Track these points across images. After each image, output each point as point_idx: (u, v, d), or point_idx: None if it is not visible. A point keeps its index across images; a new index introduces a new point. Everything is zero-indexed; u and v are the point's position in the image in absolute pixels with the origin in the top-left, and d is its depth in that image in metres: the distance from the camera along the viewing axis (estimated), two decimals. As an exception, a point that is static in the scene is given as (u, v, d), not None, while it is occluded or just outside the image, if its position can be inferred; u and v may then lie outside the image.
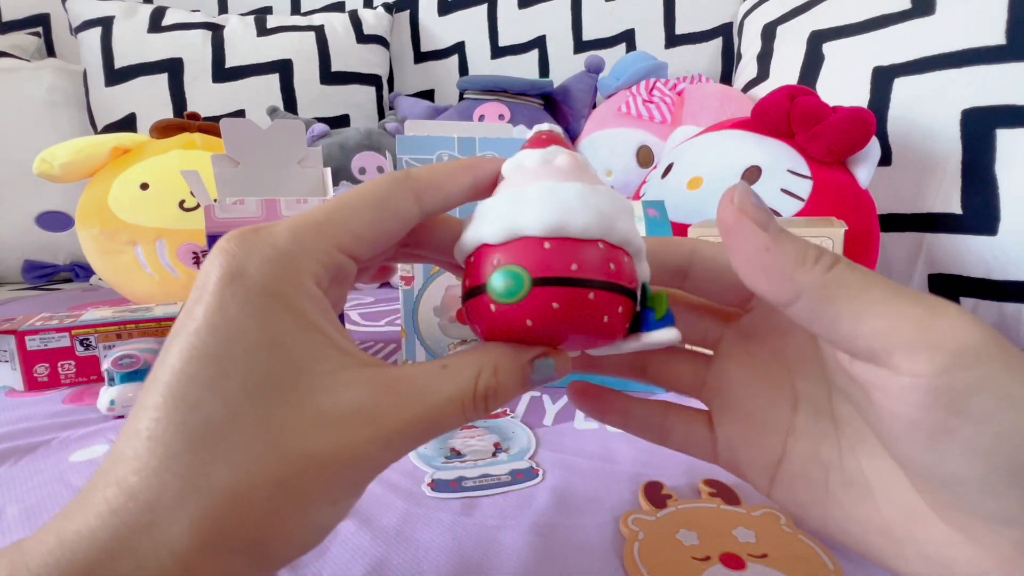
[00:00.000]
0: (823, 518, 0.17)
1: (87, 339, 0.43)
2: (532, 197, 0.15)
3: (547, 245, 0.15)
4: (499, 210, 0.16)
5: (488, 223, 0.16)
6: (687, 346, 0.21)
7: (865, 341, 0.14)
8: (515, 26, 1.12)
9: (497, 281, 0.15)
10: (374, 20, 1.15)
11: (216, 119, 0.60)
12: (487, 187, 0.18)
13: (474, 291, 0.16)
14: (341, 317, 0.47)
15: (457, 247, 0.17)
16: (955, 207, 0.55)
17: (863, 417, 0.16)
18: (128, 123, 1.00)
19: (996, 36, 0.54)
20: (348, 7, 1.22)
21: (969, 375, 0.13)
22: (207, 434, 0.12)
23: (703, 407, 0.21)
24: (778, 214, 0.51)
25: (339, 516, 0.15)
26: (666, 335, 0.16)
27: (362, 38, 1.12)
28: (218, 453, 0.12)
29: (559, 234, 0.15)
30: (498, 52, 1.14)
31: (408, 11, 1.20)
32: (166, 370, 0.13)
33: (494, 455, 0.31)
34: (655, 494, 0.26)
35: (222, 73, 1.03)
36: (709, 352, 0.21)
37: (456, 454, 0.30)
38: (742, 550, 0.22)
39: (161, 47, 1.02)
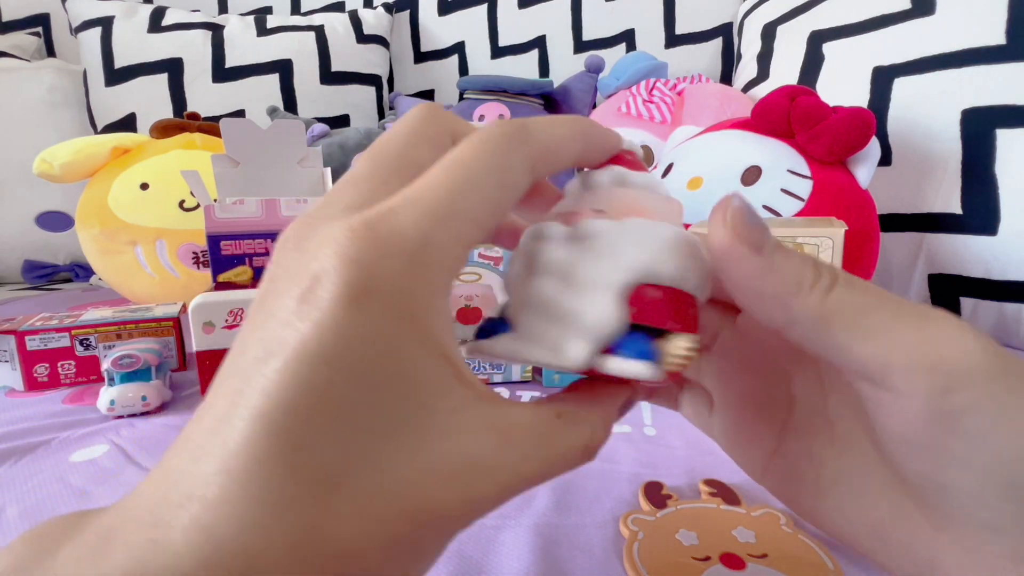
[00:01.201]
0: (813, 510, 0.18)
1: (87, 339, 0.43)
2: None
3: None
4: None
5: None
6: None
7: (863, 365, 0.14)
8: (515, 26, 1.12)
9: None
10: (374, 20, 1.15)
11: (216, 119, 0.60)
12: (593, 162, 0.16)
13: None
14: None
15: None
16: (955, 207, 0.55)
17: (859, 423, 0.16)
18: (128, 123, 1.00)
19: (996, 36, 0.54)
20: (348, 7, 1.22)
21: (965, 396, 0.13)
22: (321, 485, 0.10)
23: None
24: (778, 214, 0.51)
25: (430, 567, 0.13)
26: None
27: (362, 38, 1.12)
28: (332, 506, 0.10)
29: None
30: (498, 52, 1.14)
31: (408, 11, 1.20)
32: (267, 400, 0.10)
33: None
34: (655, 494, 0.26)
35: (222, 73, 1.03)
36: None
37: None
38: (742, 550, 0.22)
39: (161, 47, 1.02)
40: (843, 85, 0.66)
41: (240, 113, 1.03)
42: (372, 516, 0.11)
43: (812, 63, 0.71)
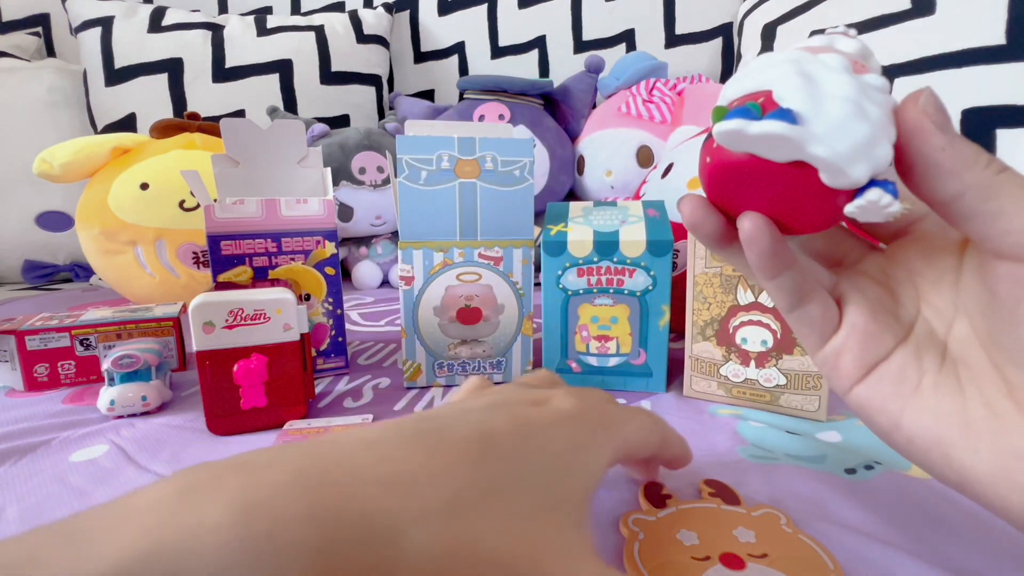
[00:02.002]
0: (899, 412, 0.19)
1: (87, 339, 0.43)
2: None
3: None
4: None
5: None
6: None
7: (1017, 236, 0.16)
8: (515, 26, 1.12)
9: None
10: (374, 20, 1.15)
11: (216, 119, 0.60)
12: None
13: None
14: (340, 322, 0.47)
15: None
16: (955, 207, 0.55)
17: (976, 340, 0.19)
18: (128, 123, 1.00)
19: (996, 36, 0.54)
20: (348, 7, 1.22)
21: None
22: None
23: None
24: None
25: None
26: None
27: (362, 38, 1.12)
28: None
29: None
30: (498, 52, 1.14)
31: (408, 11, 1.20)
32: None
33: None
34: (655, 494, 0.26)
35: (222, 73, 1.03)
36: (880, 246, 0.23)
37: None
38: (742, 550, 0.22)
39: (161, 47, 1.02)
40: (843, 85, 0.66)
41: (240, 113, 1.03)
42: None
43: (812, 63, 0.71)
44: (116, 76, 1.01)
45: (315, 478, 0.14)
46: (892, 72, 0.61)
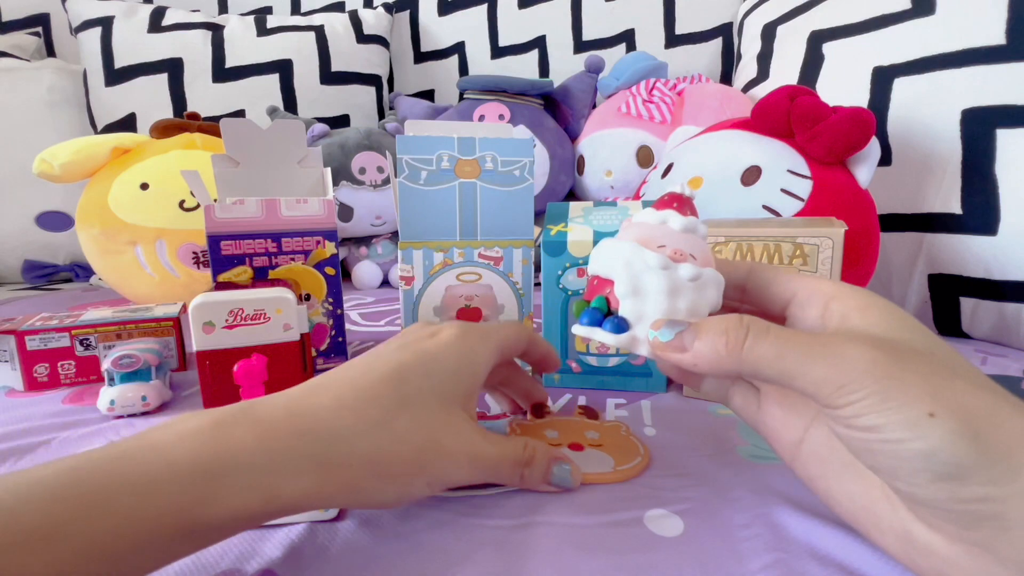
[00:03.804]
0: (827, 491, 0.22)
1: (87, 339, 0.43)
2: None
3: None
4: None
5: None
6: None
7: (817, 389, 0.19)
8: (515, 26, 1.12)
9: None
10: (374, 20, 1.15)
11: (216, 119, 0.60)
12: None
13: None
14: (340, 322, 0.47)
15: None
16: (955, 207, 0.55)
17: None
18: (128, 123, 1.00)
19: (996, 36, 0.54)
20: (348, 7, 1.22)
21: (856, 403, 0.18)
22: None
23: None
24: (778, 214, 0.51)
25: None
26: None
27: (362, 38, 1.12)
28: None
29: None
30: (498, 52, 1.14)
31: (408, 11, 1.20)
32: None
33: None
34: (540, 410, 0.35)
35: (222, 73, 1.03)
36: None
37: None
38: (585, 441, 0.32)
39: (161, 47, 1.02)
40: (843, 85, 0.66)
41: (240, 113, 1.03)
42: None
43: (812, 63, 0.71)
44: (116, 76, 1.01)
45: (308, 422, 0.22)
46: (892, 72, 0.61)
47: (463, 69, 1.16)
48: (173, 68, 1.01)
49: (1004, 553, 0.16)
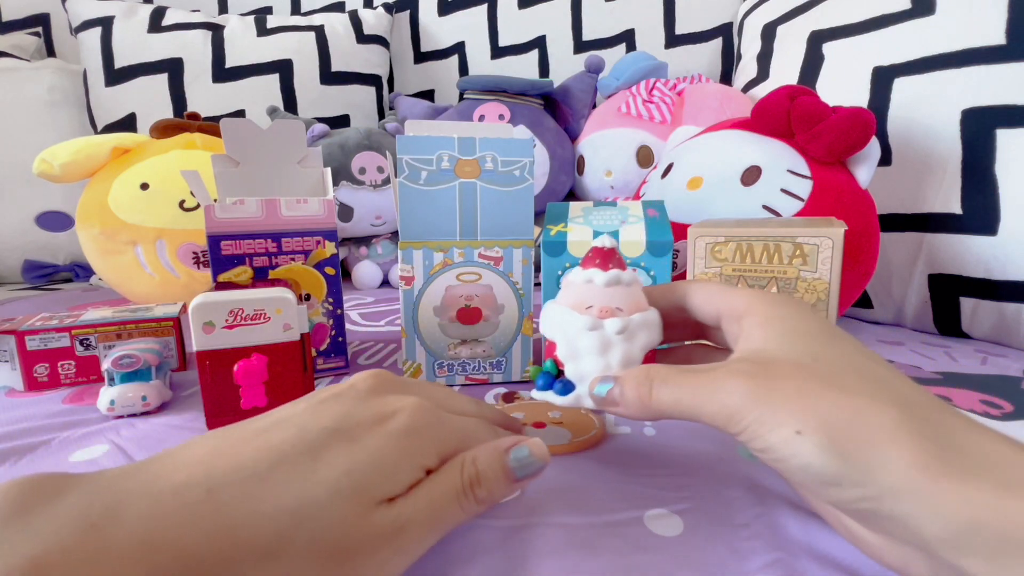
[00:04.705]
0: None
1: (87, 339, 0.43)
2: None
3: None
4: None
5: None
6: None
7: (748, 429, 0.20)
8: (515, 26, 1.12)
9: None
10: (374, 20, 1.15)
11: (216, 119, 0.60)
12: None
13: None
14: (340, 322, 0.47)
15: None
16: (955, 207, 0.55)
17: None
18: (128, 123, 1.00)
19: (996, 36, 0.54)
20: (348, 7, 1.22)
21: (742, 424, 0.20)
22: None
23: None
24: (778, 214, 0.51)
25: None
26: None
27: (362, 38, 1.12)
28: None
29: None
30: (498, 52, 1.14)
31: (408, 11, 1.20)
32: None
33: None
34: (510, 398, 0.39)
35: (222, 73, 1.03)
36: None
37: None
38: (548, 420, 0.35)
39: (161, 47, 1.02)
40: (843, 85, 0.66)
41: (240, 113, 1.03)
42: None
43: (812, 63, 0.71)
44: (116, 76, 1.01)
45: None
46: (892, 72, 0.61)
47: (463, 69, 1.16)
48: (173, 68, 1.01)
49: (903, 537, 0.18)
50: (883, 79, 0.61)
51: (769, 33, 0.83)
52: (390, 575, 0.19)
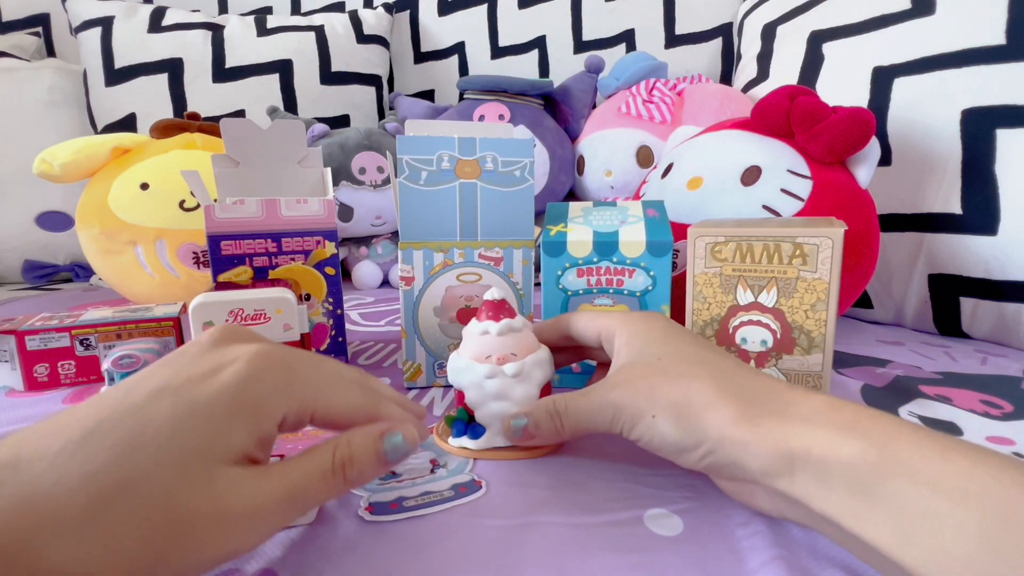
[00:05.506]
0: (750, 493, 0.26)
1: (87, 339, 0.43)
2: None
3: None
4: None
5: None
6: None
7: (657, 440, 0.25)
8: (515, 26, 1.12)
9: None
10: (374, 20, 1.15)
11: (216, 119, 0.60)
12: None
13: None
14: (340, 322, 0.47)
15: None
16: (955, 207, 0.55)
17: None
18: (128, 123, 1.00)
19: (996, 36, 0.54)
20: (348, 7, 1.22)
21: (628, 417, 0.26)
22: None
23: None
24: (778, 214, 0.51)
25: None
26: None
27: (362, 38, 1.12)
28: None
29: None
30: (498, 52, 1.14)
31: (408, 11, 1.20)
32: None
33: (432, 472, 0.30)
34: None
35: (222, 73, 1.03)
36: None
37: (392, 474, 0.29)
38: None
39: (161, 47, 1.02)
40: (843, 85, 0.66)
41: (240, 113, 1.03)
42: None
43: (812, 63, 0.71)
44: (116, 76, 1.01)
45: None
46: (892, 72, 0.61)
47: (463, 69, 1.16)
48: (173, 68, 1.01)
49: (743, 478, 0.23)
50: (883, 79, 0.61)
51: (769, 33, 0.83)
52: (238, 548, 0.19)
